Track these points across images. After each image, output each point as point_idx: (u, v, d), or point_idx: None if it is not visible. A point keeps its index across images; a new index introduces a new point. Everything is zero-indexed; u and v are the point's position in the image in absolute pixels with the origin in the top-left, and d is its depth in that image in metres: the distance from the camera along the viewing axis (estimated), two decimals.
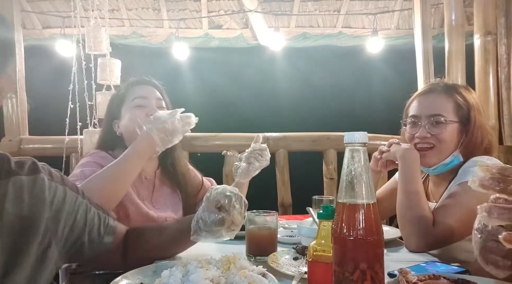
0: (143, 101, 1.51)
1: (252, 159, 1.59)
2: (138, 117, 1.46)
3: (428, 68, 3.05)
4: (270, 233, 1.22)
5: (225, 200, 0.95)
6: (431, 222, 1.26)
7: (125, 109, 1.53)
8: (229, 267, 0.92)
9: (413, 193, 1.32)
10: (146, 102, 1.51)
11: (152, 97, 1.53)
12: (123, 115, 1.53)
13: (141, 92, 1.53)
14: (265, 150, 1.63)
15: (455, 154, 1.39)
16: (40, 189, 0.87)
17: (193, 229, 0.99)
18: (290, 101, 4.98)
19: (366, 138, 0.71)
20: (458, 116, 1.39)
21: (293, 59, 4.70)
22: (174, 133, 1.35)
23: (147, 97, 1.52)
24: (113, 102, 1.59)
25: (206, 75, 4.86)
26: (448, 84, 1.49)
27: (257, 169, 1.62)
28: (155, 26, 4.15)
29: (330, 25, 4.24)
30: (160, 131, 1.33)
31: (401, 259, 1.20)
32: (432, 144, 1.39)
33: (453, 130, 1.39)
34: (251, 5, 3.94)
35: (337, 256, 0.70)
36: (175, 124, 1.34)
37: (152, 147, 1.34)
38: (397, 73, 4.39)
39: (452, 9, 2.73)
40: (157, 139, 1.33)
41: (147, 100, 1.52)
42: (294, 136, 3.21)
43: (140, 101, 1.51)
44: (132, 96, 1.53)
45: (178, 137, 1.38)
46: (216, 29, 4.20)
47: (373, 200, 0.70)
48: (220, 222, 0.95)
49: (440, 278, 0.84)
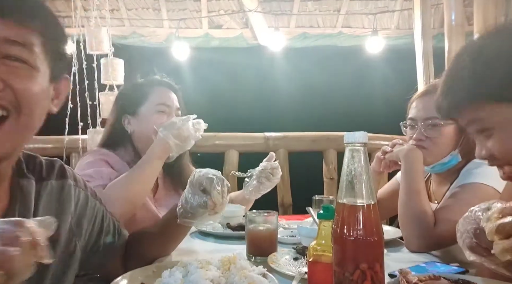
0: (166, 109, 1.53)
1: (263, 178, 1.59)
2: (160, 122, 1.47)
3: (428, 68, 3.05)
4: (270, 233, 1.22)
5: (207, 182, 0.96)
6: (432, 222, 1.25)
7: (146, 110, 1.52)
8: (229, 267, 0.92)
9: (415, 193, 1.32)
10: (168, 110, 1.53)
11: (173, 106, 1.55)
12: (142, 114, 1.52)
13: (165, 99, 1.54)
14: (277, 168, 1.62)
15: (453, 154, 1.38)
16: (67, 195, 0.88)
17: (179, 212, 0.99)
18: (290, 101, 4.98)
19: (366, 138, 0.71)
20: None
21: (293, 59, 4.70)
22: (188, 140, 1.40)
23: (170, 106, 1.54)
24: (130, 98, 1.57)
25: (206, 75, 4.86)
26: None
27: (267, 188, 1.62)
28: (155, 26, 4.15)
29: (330, 25, 4.24)
30: (175, 137, 1.36)
31: (401, 259, 1.20)
32: (426, 147, 1.39)
33: (450, 131, 1.38)
34: (251, 5, 3.94)
35: (337, 256, 0.70)
36: (189, 130, 1.39)
37: (167, 152, 1.38)
38: (397, 73, 4.39)
39: (452, 9, 2.73)
40: (172, 145, 1.37)
41: (170, 108, 1.54)
42: (294, 136, 3.21)
43: (163, 108, 1.53)
44: (156, 101, 1.52)
45: (190, 143, 1.43)
46: (216, 29, 4.20)
47: (373, 200, 0.70)
48: (204, 204, 0.96)
49: (440, 278, 0.84)
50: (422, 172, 1.38)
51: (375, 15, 4.01)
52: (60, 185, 0.87)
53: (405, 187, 1.35)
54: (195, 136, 1.43)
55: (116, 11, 3.99)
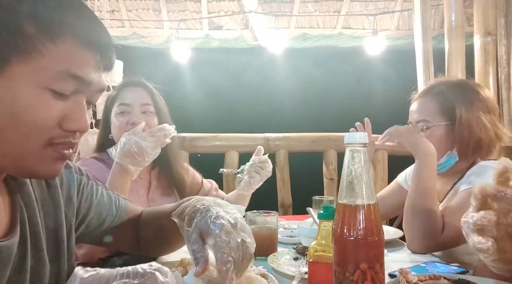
0: (126, 108, 1.51)
1: (253, 172, 1.59)
2: (121, 125, 1.48)
3: (428, 69, 3.05)
4: (271, 233, 1.22)
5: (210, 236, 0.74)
6: (440, 227, 1.24)
7: (113, 114, 1.54)
8: None
9: (429, 196, 1.28)
10: (129, 109, 1.51)
11: (136, 104, 1.51)
12: (111, 118, 1.54)
13: (126, 98, 1.53)
14: (266, 161, 1.61)
15: (450, 154, 1.38)
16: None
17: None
18: (290, 102, 4.98)
19: (367, 139, 0.71)
20: (446, 117, 1.38)
21: (293, 60, 4.70)
22: (145, 152, 1.33)
23: (130, 104, 1.51)
24: (106, 104, 1.59)
25: (206, 76, 4.86)
26: (435, 84, 1.47)
27: (259, 181, 1.62)
28: (155, 27, 4.15)
29: (330, 26, 4.24)
30: (126, 156, 1.31)
31: (401, 259, 1.20)
32: None
33: (442, 132, 1.38)
34: (251, 6, 3.94)
35: (337, 256, 0.70)
36: (140, 144, 1.31)
37: (127, 172, 1.33)
38: (397, 74, 4.39)
39: (452, 10, 2.73)
40: (127, 165, 1.32)
41: (129, 107, 1.51)
42: (294, 137, 3.21)
43: (122, 108, 1.51)
44: (117, 102, 1.53)
45: (154, 153, 1.36)
46: (216, 30, 4.20)
47: (374, 200, 0.70)
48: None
49: (440, 278, 0.84)
50: (436, 173, 1.34)
51: (375, 16, 4.02)
52: None
53: (417, 186, 1.31)
54: (158, 144, 1.36)
55: (116, 12, 4.00)
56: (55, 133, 0.65)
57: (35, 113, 0.62)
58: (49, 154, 0.66)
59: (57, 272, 0.80)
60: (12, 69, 0.60)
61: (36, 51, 0.61)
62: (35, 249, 0.74)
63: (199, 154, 2.96)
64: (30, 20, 0.61)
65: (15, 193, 0.73)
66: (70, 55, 0.64)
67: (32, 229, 0.74)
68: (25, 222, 0.73)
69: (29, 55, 0.61)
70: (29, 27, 0.61)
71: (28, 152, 0.64)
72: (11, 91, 0.61)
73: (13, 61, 0.60)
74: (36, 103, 0.62)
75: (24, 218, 0.73)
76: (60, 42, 0.63)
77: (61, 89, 0.64)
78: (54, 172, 0.69)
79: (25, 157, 0.64)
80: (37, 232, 0.75)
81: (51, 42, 0.62)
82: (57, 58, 0.62)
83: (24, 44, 0.60)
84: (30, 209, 0.75)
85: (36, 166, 0.66)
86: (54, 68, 0.62)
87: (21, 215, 0.72)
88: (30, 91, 0.62)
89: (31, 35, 0.61)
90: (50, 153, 0.66)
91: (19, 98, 0.61)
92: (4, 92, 0.61)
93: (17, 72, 0.61)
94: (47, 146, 0.65)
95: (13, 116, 0.61)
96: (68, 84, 0.64)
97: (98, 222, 0.96)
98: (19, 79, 0.61)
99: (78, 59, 0.65)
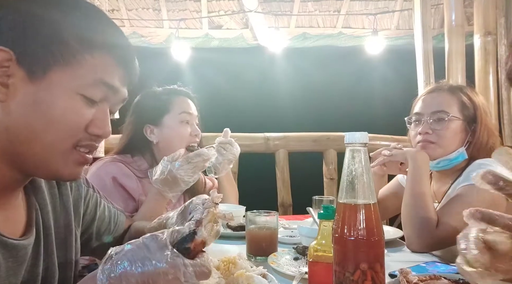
0: (189, 117, 1.57)
1: (217, 153, 1.57)
2: (184, 134, 1.54)
3: (428, 68, 3.05)
4: (271, 233, 1.22)
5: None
6: (435, 223, 1.26)
7: (169, 119, 1.55)
8: (229, 268, 0.92)
9: (420, 194, 1.32)
10: (191, 119, 1.58)
11: (194, 115, 1.60)
12: (165, 124, 1.55)
13: (187, 108, 1.58)
14: (230, 143, 1.63)
15: (460, 150, 1.39)
16: (64, 185, 0.88)
17: None
18: (290, 102, 4.98)
19: (367, 139, 0.71)
20: (463, 115, 1.40)
21: (293, 60, 4.70)
22: (181, 181, 1.30)
23: (191, 114, 1.58)
24: (151, 107, 1.58)
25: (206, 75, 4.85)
26: (454, 84, 1.52)
27: (224, 164, 1.62)
28: (155, 26, 4.15)
29: (330, 25, 4.24)
30: (163, 184, 1.31)
31: (401, 259, 1.20)
32: (433, 141, 1.39)
33: (457, 127, 1.39)
34: (251, 5, 3.94)
35: (337, 256, 0.70)
36: (174, 174, 1.29)
37: (163, 196, 1.32)
38: (397, 73, 4.39)
39: (452, 9, 2.73)
40: (163, 192, 1.32)
41: (191, 117, 1.58)
42: (294, 137, 3.21)
43: (186, 116, 1.57)
44: (179, 110, 1.56)
45: (192, 179, 1.33)
46: (216, 29, 4.20)
47: (374, 200, 0.70)
48: None
49: (440, 278, 0.84)
50: (428, 174, 1.39)
51: (375, 15, 4.02)
52: None
53: (410, 188, 1.35)
54: (198, 169, 1.33)
55: (116, 11, 3.99)
56: (82, 136, 0.71)
57: (68, 116, 0.68)
58: (75, 157, 0.71)
59: (64, 279, 0.82)
60: (52, 75, 0.66)
61: (75, 61, 0.68)
62: (46, 253, 0.77)
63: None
64: (73, 32, 0.68)
65: (31, 196, 0.77)
66: (103, 66, 0.70)
67: (45, 232, 0.78)
68: (40, 224, 0.77)
69: (69, 64, 0.67)
70: (71, 39, 0.67)
71: (57, 152, 0.69)
72: (49, 95, 0.66)
73: (54, 68, 0.66)
74: (70, 108, 0.68)
75: (39, 220, 0.77)
76: (97, 55, 0.69)
77: (92, 95, 0.70)
78: (77, 174, 0.74)
79: (54, 157, 0.69)
80: (49, 235, 0.79)
81: (89, 54, 0.69)
82: (93, 69, 0.69)
83: (65, 54, 0.67)
84: (44, 213, 0.78)
85: (62, 167, 0.71)
86: (90, 76, 0.69)
87: (36, 217, 0.76)
88: (66, 97, 0.68)
89: (72, 47, 0.67)
90: (75, 156, 0.71)
91: (56, 102, 0.67)
92: (43, 96, 0.66)
93: (56, 79, 0.66)
94: (73, 149, 0.70)
95: (49, 118, 0.67)
96: (99, 91, 0.71)
97: (97, 236, 0.99)
98: (57, 85, 0.67)
99: (110, 70, 0.72)
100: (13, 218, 0.72)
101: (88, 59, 0.68)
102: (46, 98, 0.66)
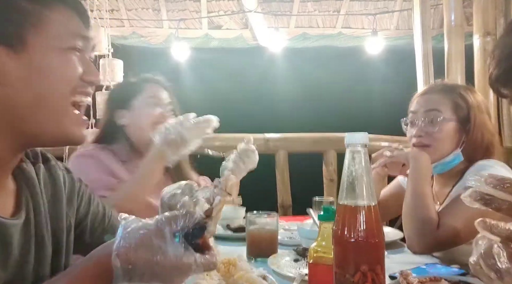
0: (159, 102, 1.55)
1: (238, 161, 1.53)
2: (152, 113, 1.50)
3: (428, 68, 3.05)
4: (271, 234, 1.22)
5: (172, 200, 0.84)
6: (436, 224, 1.25)
7: (139, 102, 1.54)
8: (229, 269, 0.92)
9: (421, 195, 1.31)
10: (161, 104, 1.55)
11: (165, 101, 1.58)
12: (135, 107, 1.54)
13: (157, 93, 1.56)
14: (253, 151, 1.58)
15: (456, 152, 1.38)
16: (56, 175, 0.89)
17: None
18: (290, 102, 4.98)
19: (367, 139, 0.70)
20: (457, 115, 1.39)
21: (293, 60, 4.70)
22: (186, 144, 1.35)
23: (161, 99, 1.56)
24: (122, 92, 1.60)
25: (205, 75, 4.86)
26: (448, 84, 1.51)
27: (242, 171, 1.60)
28: (155, 26, 4.14)
29: (330, 26, 4.24)
30: (169, 145, 1.33)
31: (402, 261, 1.20)
32: (427, 144, 1.39)
33: (451, 128, 1.38)
34: (251, 5, 3.94)
35: (338, 258, 0.70)
36: (184, 135, 1.34)
37: (164, 159, 1.36)
38: (396, 73, 4.39)
39: (451, 9, 2.72)
40: (168, 153, 1.34)
41: (161, 101, 1.56)
42: (294, 137, 3.21)
43: (156, 100, 1.55)
44: (148, 94, 1.55)
45: (194, 143, 1.38)
46: (215, 30, 4.20)
47: (374, 201, 0.69)
48: None
49: (441, 280, 0.84)
50: (429, 175, 1.38)
51: (374, 15, 4.01)
52: (48, 167, 0.88)
53: (411, 188, 1.34)
54: (199, 136, 1.38)
55: (115, 11, 3.99)
56: (77, 84, 0.75)
57: (65, 70, 0.73)
58: (74, 116, 0.76)
59: (56, 265, 0.82)
60: (31, 41, 0.69)
61: (39, 21, 0.70)
62: (36, 237, 0.78)
63: (198, 155, 2.95)
64: None
65: (21, 182, 0.79)
66: (65, 17, 0.73)
67: (37, 218, 0.78)
68: (30, 210, 0.78)
69: (37, 25, 0.70)
70: (23, 2, 0.69)
71: (59, 108, 0.73)
72: (40, 59, 0.70)
73: (28, 35, 0.69)
74: (64, 62, 0.72)
75: (29, 206, 0.78)
76: (55, 9, 0.72)
77: (74, 46, 0.74)
78: (82, 135, 0.78)
79: (59, 115, 0.73)
80: (41, 221, 0.79)
81: (47, 9, 0.71)
82: (59, 22, 0.72)
83: (27, 17, 0.69)
84: (34, 200, 0.79)
85: (68, 128, 0.75)
86: (62, 30, 0.72)
87: (26, 202, 0.77)
88: (54, 54, 0.71)
89: (28, 9, 0.69)
90: (75, 116, 0.75)
91: (49, 63, 0.70)
92: (34, 62, 0.69)
93: (36, 43, 0.70)
94: (72, 106, 0.75)
95: (50, 78, 0.71)
96: (76, 41, 0.74)
97: (91, 231, 0.99)
98: (41, 47, 0.70)
99: (72, 19, 0.75)
100: (2, 199, 0.74)
101: (49, 14, 0.71)
102: (39, 63, 0.70)
